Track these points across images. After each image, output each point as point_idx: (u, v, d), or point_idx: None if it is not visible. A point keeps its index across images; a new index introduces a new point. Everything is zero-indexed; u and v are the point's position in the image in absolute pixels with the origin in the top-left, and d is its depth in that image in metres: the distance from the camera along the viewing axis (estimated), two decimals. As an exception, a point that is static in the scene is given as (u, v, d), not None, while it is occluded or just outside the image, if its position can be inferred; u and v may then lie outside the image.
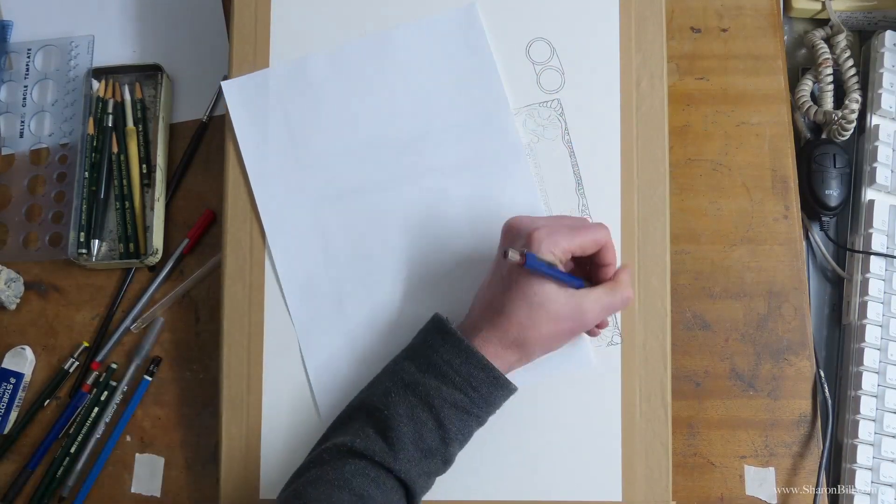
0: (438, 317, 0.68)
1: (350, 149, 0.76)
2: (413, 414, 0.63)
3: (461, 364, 0.64)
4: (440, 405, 0.64)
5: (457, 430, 0.64)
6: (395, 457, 0.62)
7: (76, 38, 0.89)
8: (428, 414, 0.64)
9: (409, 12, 0.78)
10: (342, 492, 0.61)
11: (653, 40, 0.77)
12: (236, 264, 0.76)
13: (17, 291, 0.83)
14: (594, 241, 0.66)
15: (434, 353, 0.65)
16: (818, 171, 0.83)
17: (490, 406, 0.66)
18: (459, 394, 0.64)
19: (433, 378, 0.64)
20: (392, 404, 0.64)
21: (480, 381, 0.64)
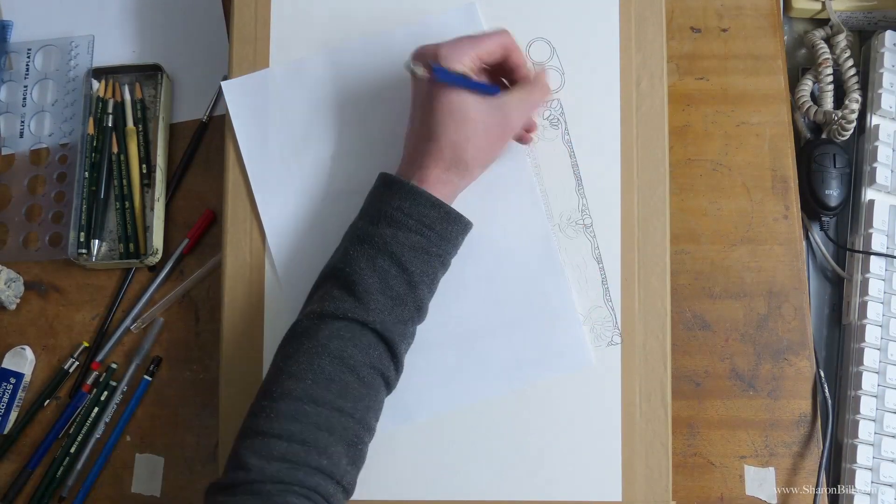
0: (384, 173, 0.68)
1: (350, 149, 0.76)
2: (374, 265, 0.64)
3: (410, 206, 0.65)
4: (399, 250, 0.64)
5: (421, 272, 0.65)
6: (365, 309, 0.63)
7: (76, 38, 0.89)
8: (389, 261, 0.64)
9: (408, 12, 0.77)
10: (322, 357, 0.62)
11: (653, 40, 0.77)
12: (236, 264, 0.76)
13: (17, 291, 0.83)
14: (499, 45, 0.67)
15: (382, 203, 0.66)
16: (818, 171, 0.83)
17: (448, 243, 0.66)
18: (415, 235, 0.65)
19: (387, 227, 0.65)
20: (352, 260, 0.65)
21: (433, 218, 0.65)
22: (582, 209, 0.75)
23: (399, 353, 0.65)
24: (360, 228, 0.66)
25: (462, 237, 0.68)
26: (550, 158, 0.76)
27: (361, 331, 0.63)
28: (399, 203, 0.65)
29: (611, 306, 0.74)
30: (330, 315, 0.63)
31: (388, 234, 0.65)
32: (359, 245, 0.65)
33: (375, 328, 0.63)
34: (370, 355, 0.63)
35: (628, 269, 0.74)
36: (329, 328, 0.63)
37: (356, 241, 0.66)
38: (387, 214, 0.65)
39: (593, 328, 0.74)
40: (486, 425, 0.72)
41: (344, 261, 0.65)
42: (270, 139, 0.77)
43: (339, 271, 0.65)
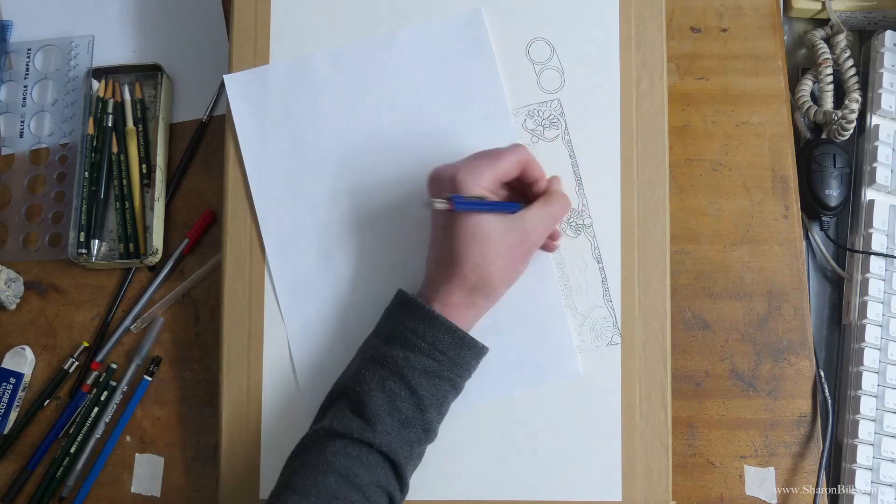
0: (400, 291, 0.68)
1: (349, 148, 0.76)
2: (385, 386, 0.64)
3: (425, 330, 0.65)
4: (410, 373, 0.64)
5: (430, 396, 0.64)
6: (373, 431, 0.63)
7: (76, 38, 0.89)
8: (399, 383, 0.64)
9: (408, 14, 0.78)
10: (327, 475, 0.61)
11: (653, 40, 0.77)
12: (236, 264, 0.76)
13: (17, 291, 0.83)
14: (516, 162, 0.67)
15: (397, 323, 0.66)
16: (818, 171, 0.83)
17: (460, 368, 0.66)
18: (427, 359, 0.64)
19: (399, 348, 0.65)
20: (363, 380, 0.64)
21: (446, 343, 0.65)
22: (582, 209, 0.75)
23: (405, 474, 0.65)
24: (374, 347, 0.66)
25: (476, 361, 0.67)
26: (550, 158, 0.76)
27: (368, 451, 0.63)
28: (413, 325, 0.65)
29: (611, 306, 0.74)
30: (338, 434, 0.63)
31: (399, 356, 0.64)
32: (371, 365, 0.65)
33: (381, 450, 0.63)
34: (376, 474, 0.63)
35: (628, 269, 0.74)
36: (336, 446, 0.63)
37: (369, 361, 0.65)
38: (400, 336, 0.65)
39: (593, 328, 0.74)
40: (485, 425, 0.72)
41: (355, 380, 0.65)
42: (270, 135, 0.77)
43: (349, 390, 0.65)
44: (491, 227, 0.65)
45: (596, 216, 0.75)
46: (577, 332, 0.74)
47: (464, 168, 0.65)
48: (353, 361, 0.68)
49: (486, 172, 0.65)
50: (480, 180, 0.65)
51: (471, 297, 0.66)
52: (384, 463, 0.63)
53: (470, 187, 0.64)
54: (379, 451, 0.63)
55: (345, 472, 0.61)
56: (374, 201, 0.76)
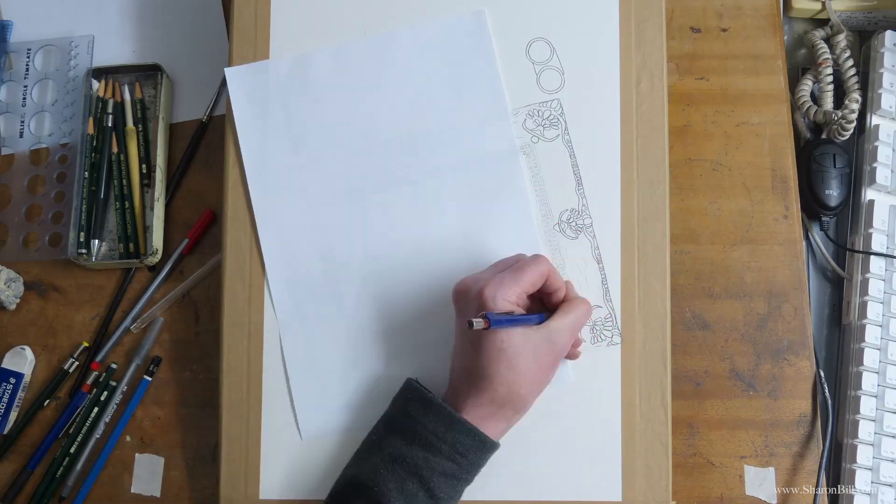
0: (413, 384, 0.68)
1: (348, 148, 0.76)
2: (403, 488, 0.63)
3: (446, 432, 0.64)
4: (429, 475, 0.64)
5: (448, 497, 0.65)
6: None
7: (76, 38, 0.89)
8: (418, 486, 0.64)
9: (408, 14, 0.77)
10: None
11: (653, 40, 0.77)
12: (236, 264, 0.76)
13: (17, 291, 0.83)
14: (540, 275, 0.67)
15: (418, 424, 0.65)
16: (818, 171, 0.83)
17: (478, 468, 0.66)
18: (448, 462, 0.64)
19: (420, 450, 0.64)
20: (382, 480, 0.64)
21: (467, 447, 0.65)
22: (582, 209, 0.75)
23: None
24: (393, 446, 0.65)
25: (489, 457, 0.67)
26: (550, 158, 0.76)
27: None
28: (435, 427, 0.65)
29: (611, 306, 0.74)
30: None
31: (420, 458, 0.64)
32: (390, 464, 0.65)
33: None
34: None
35: (628, 269, 0.74)
36: None
37: (388, 460, 0.65)
38: (421, 436, 0.65)
39: (593, 328, 0.74)
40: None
41: (374, 479, 0.64)
42: (270, 132, 0.77)
43: (367, 490, 0.64)
44: (519, 342, 0.65)
45: (596, 216, 0.75)
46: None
47: (491, 284, 0.65)
48: (365, 454, 0.68)
49: (513, 287, 0.65)
50: (508, 295, 0.65)
51: (500, 410, 0.66)
52: None
53: (498, 303, 0.64)
54: None
55: None
56: (372, 201, 0.76)
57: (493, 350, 0.65)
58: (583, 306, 0.69)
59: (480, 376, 0.65)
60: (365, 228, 0.75)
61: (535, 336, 0.66)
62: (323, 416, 0.74)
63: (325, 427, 0.73)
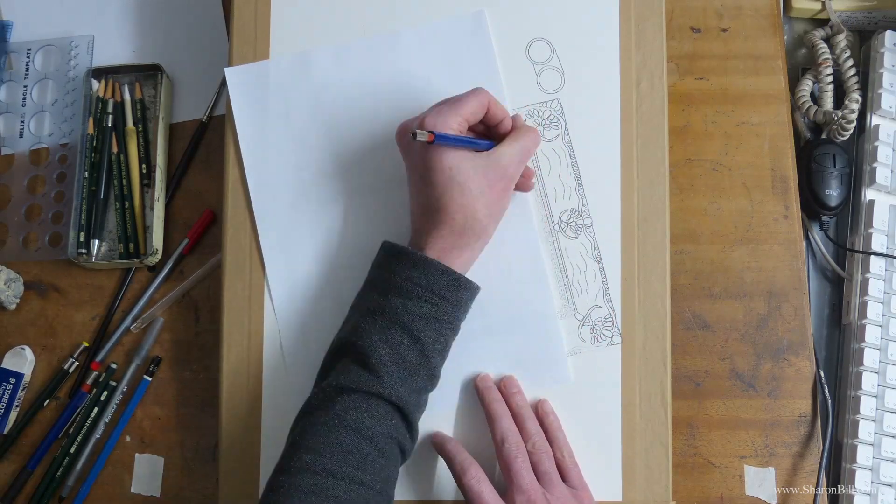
0: (387, 242, 0.68)
1: (349, 147, 0.76)
2: (386, 336, 0.64)
3: (420, 276, 0.65)
4: (410, 320, 0.64)
5: (433, 341, 0.65)
6: (380, 382, 0.63)
7: (76, 38, 0.89)
8: (401, 332, 0.64)
9: (408, 14, 0.77)
10: (339, 430, 0.61)
11: (653, 40, 0.77)
12: (236, 264, 0.76)
13: (17, 291, 0.83)
14: (479, 104, 0.67)
15: (391, 274, 0.66)
16: (818, 171, 0.83)
17: (458, 309, 0.66)
18: (426, 304, 0.65)
19: (397, 297, 0.65)
20: (364, 333, 0.64)
21: (443, 286, 0.65)
22: (582, 209, 0.75)
23: (414, 421, 0.65)
24: (370, 300, 0.66)
25: (471, 302, 0.68)
26: (550, 158, 0.76)
27: (377, 402, 0.63)
28: (408, 273, 0.65)
29: (611, 306, 0.74)
30: (345, 389, 0.63)
31: (398, 305, 0.64)
32: (370, 317, 0.65)
33: (391, 399, 0.63)
34: (387, 425, 0.63)
35: (628, 269, 0.74)
36: (344, 401, 0.63)
37: (367, 314, 0.65)
38: (396, 285, 0.65)
39: (593, 328, 0.74)
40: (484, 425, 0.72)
41: (356, 334, 0.65)
42: (270, 131, 0.77)
43: (351, 345, 0.65)
44: (469, 166, 0.65)
45: (596, 216, 0.75)
46: (577, 332, 0.74)
47: (430, 114, 0.66)
48: (349, 318, 0.68)
49: (452, 116, 0.66)
50: (450, 121, 0.65)
51: (461, 238, 0.66)
52: (394, 413, 0.63)
53: (439, 129, 0.65)
54: (388, 402, 0.63)
55: (356, 425, 0.61)
56: (372, 200, 0.76)
57: (443, 178, 0.65)
58: (530, 133, 0.69)
59: (436, 209, 0.66)
60: (365, 228, 0.75)
61: (483, 161, 0.66)
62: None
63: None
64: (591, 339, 0.74)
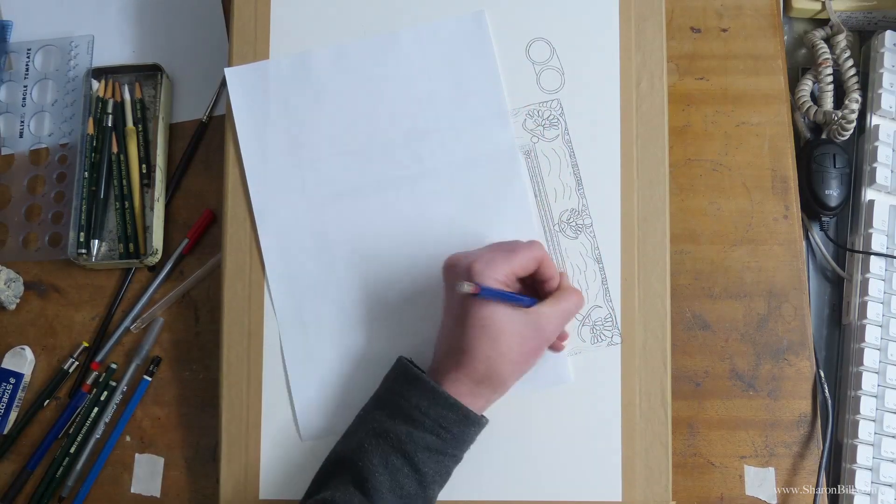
0: (402, 361, 0.68)
1: (348, 148, 0.76)
2: (387, 462, 0.63)
3: (429, 406, 0.64)
4: (413, 450, 0.63)
5: (433, 473, 0.64)
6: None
7: (76, 38, 0.89)
8: (402, 460, 0.63)
9: (408, 15, 0.77)
10: None
11: (653, 40, 0.77)
12: (236, 264, 0.76)
13: (17, 291, 0.83)
14: (533, 259, 0.66)
15: (402, 398, 0.65)
16: (818, 171, 0.83)
17: (464, 444, 0.66)
18: (431, 436, 0.64)
19: (403, 424, 0.64)
20: (366, 455, 0.64)
21: (451, 421, 0.64)
22: (582, 209, 0.75)
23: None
24: (377, 420, 0.65)
25: (477, 434, 0.67)
26: (550, 158, 0.76)
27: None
28: (418, 401, 0.64)
29: (611, 306, 0.74)
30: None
31: (403, 433, 0.64)
32: (374, 439, 0.64)
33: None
34: None
35: (628, 269, 0.74)
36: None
37: (372, 435, 0.65)
38: (404, 411, 0.64)
39: (593, 328, 0.74)
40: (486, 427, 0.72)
41: (358, 454, 0.64)
42: (269, 131, 0.77)
43: (352, 464, 0.64)
44: (504, 320, 0.64)
45: (596, 216, 0.75)
46: (577, 332, 0.74)
47: (481, 260, 0.65)
48: (352, 429, 0.67)
49: (503, 266, 0.64)
50: (497, 274, 0.64)
51: (478, 387, 0.65)
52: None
53: (486, 280, 0.64)
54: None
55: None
56: (372, 201, 0.76)
57: (476, 325, 0.64)
58: (574, 297, 0.69)
59: (462, 351, 0.65)
60: (365, 228, 0.75)
61: (521, 318, 0.65)
62: (323, 416, 0.74)
63: (325, 427, 0.73)
64: (591, 339, 0.74)
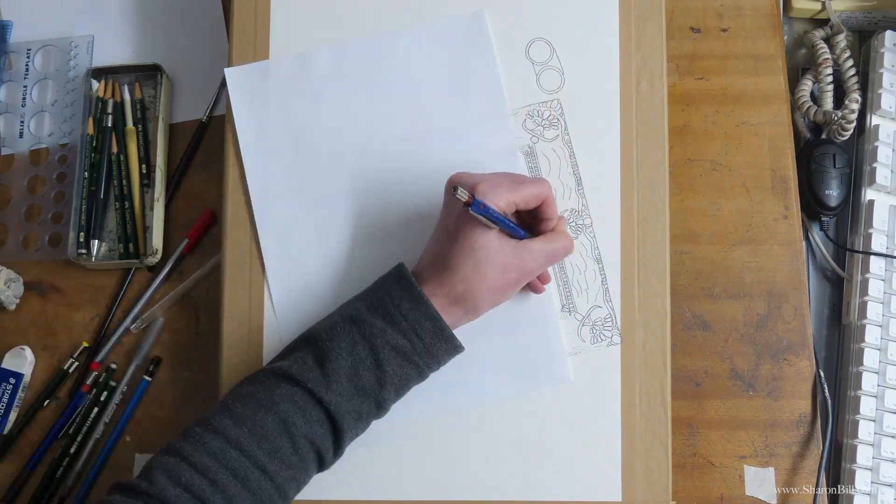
0: (403, 267, 0.68)
1: (348, 148, 0.76)
2: (353, 349, 0.64)
3: (410, 310, 0.64)
4: (382, 345, 0.64)
5: (394, 374, 0.64)
6: (327, 387, 0.63)
7: (76, 38, 0.88)
8: (368, 352, 0.64)
9: (407, 15, 0.77)
10: (267, 413, 0.62)
11: (653, 40, 0.77)
12: (236, 264, 0.76)
13: (17, 292, 0.83)
14: (536, 195, 0.67)
15: (387, 296, 0.66)
16: (818, 171, 0.83)
17: (432, 358, 0.66)
18: (403, 339, 0.64)
19: (380, 319, 0.65)
20: (335, 336, 0.64)
21: (426, 330, 0.65)
22: (582, 209, 0.75)
23: (343, 440, 0.64)
24: (356, 309, 0.66)
25: (449, 357, 0.67)
26: (550, 158, 0.76)
27: (315, 405, 0.63)
28: (400, 302, 0.65)
29: (611, 306, 0.74)
30: (292, 378, 0.63)
31: (377, 326, 0.64)
32: (347, 324, 0.65)
33: (328, 409, 0.63)
34: (314, 431, 0.63)
35: (628, 269, 0.74)
36: (286, 389, 0.63)
37: (347, 321, 0.65)
38: (385, 308, 0.65)
39: (593, 328, 0.74)
40: (485, 425, 0.72)
41: (328, 334, 0.65)
42: (269, 131, 0.77)
43: (319, 341, 0.65)
44: (494, 247, 0.65)
45: (596, 216, 0.75)
46: (577, 332, 0.74)
47: (486, 182, 0.65)
48: (332, 314, 0.68)
49: (506, 194, 0.65)
50: (498, 199, 0.64)
51: (452, 306, 0.66)
52: (326, 423, 0.63)
53: (488, 201, 0.64)
54: (325, 410, 0.63)
55: (284, 417, 0.62)
56: (372, 201, 0.76)
57: (465, 245, 0.65)
58: (565, 241, 0.69)
59: (446, 267, 0.65)
60: (364, 228, 0.75)
61: (509, 248, 0.66)
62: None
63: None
64: (591, 339, 0.74)
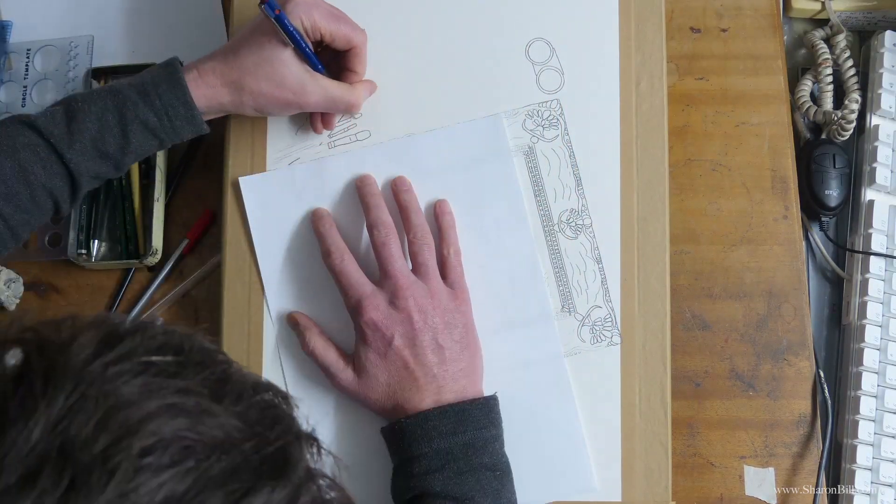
0: (176, 60, 0.70)
1: (364, 248, 0.75)
2: (104, 115, 0.66)
3: (166, 91, 0.67)
4: (131, 119, 0.66)
5: (138, 145, 0.68)
6: (70, 145, 0.65)
7: (76, 38, 0.88)
8: (116, 121, 0.66)
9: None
10: (7, 158, 0.64)
11: (652, 40, 0.77)
12: (236, 264, 0.76)
13: (17, 292, 0.83)
14: (346, 36, 0.68)
15: (150, 76, 0.68)
16: (818, 171, 0.83)
17: (177, 136, 0.69)
18: (154, 116, 0.67)
19: (137, 93, 0.67)
20: (89, 100, 0.66)
21: (178, 114, 0.67)
22: (581, 209, 0.75)
23: (79, 194, 0.68)
24: (121, 83, 0.68)
25: (192, 136, 0.70)
26: (550, 158, 0.76)
27: (56, 160, 0.65)
28: (160, 81, 0.67)
29: (611, 306, 0.74)
30: (38, 129, 0.65)
31: (131, 99, 0.66)
32: (105, 93, 0.67)
33: (69, 166, 0.66)
34: (53, 183, 0.66)
35: (628, 270, 0.74)
36: (28, 138, 0.65)
37: (107, 89, 0.68)
38: (145, 86, 0.67)
39: (593, 328, 0.74)
40: (485, 425, 0.72)
41: (84, 97, 0.67)
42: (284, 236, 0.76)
43: (75, 101, 0.67)
44: (281, 57, 0.67)
45: (596, 216, 0.75)
46: (577, 333, 0.74)
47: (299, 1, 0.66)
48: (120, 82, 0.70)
49: (318, 18, 0.67)
50: (307, 18, 0.66)
51: (222, 86, 0.68)
52: (66, 177, 0.66)
53: (293, 14, 0.66)
54: (66, 166, 0.65)
55: (24, 164, 0.64)
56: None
57: (258, 42, 0.67)
58: (353, 97, 0.70)
59: (232, 49, 0.68)
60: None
61: (296, 68, 0.68)
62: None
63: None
64: (591, 340, 0.74)
